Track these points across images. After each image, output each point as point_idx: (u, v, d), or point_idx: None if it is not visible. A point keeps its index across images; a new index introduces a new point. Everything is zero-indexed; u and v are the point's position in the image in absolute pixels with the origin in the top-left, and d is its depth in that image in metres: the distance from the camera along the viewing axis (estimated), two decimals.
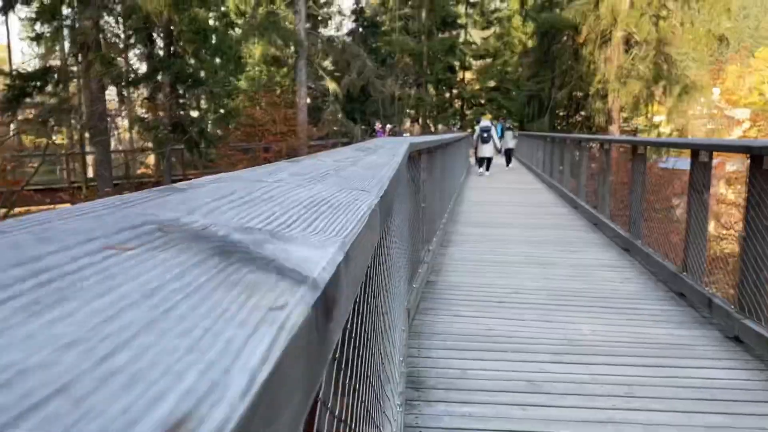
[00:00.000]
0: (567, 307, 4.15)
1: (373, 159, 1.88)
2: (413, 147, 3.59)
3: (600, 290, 4.59)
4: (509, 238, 6.88)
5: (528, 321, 3.85)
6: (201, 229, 0.43)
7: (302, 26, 22.85)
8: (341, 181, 0.89)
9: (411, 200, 4.13)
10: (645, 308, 4.14)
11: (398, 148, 2.54)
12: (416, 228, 4.52)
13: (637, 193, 6.01)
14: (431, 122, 38.44)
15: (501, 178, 15.50)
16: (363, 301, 0.88)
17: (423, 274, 4.57)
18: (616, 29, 23.99)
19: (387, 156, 2.03)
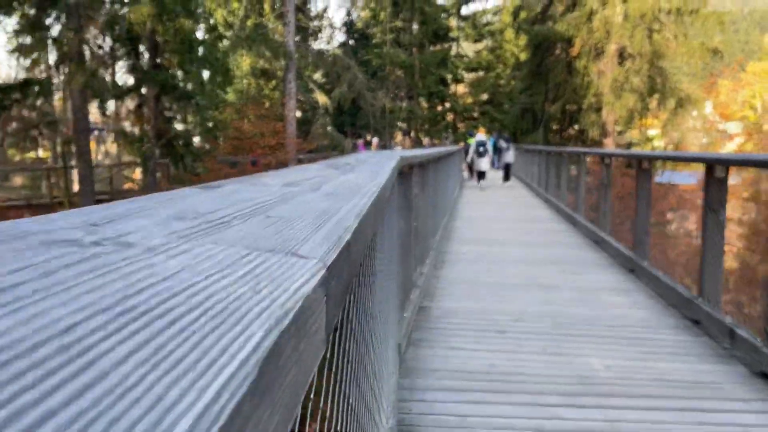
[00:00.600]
0: (574, 337, 3.75)
1: (347, 180, 1.49)
2: (404, 161, 3.20)
3: (608, 317, 4.20)
4: (507, 257, 6.49)
5: (533, 354, 3.45)
6: None
7: (291, 38, 22.52)
8: (262, 232, 0.49)
9: (402, 219, 3.74)
10: (659, 339, 3.75)
11: (385, 164, 2.15)
12: (408, 249, 4.13)
13: (643, 211, 5.65)
14: (423, 135, 38.20)
15: (496, 193, 15.16)
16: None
17: (415, 299, 4.17)
18: (609, 42, 23.83)
19: (367, 176, 1.64)
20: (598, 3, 23.84)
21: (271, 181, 1.29)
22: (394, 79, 34.38)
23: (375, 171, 1.88)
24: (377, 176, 1.71)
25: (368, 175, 1.68)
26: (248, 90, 32.68)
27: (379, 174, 1.76)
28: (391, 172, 2.04)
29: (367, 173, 1.75)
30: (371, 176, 1.67)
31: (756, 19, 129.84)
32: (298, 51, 24.39)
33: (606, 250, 6.95)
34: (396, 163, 2.49)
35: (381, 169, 1.99)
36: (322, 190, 0.94)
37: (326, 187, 0.99)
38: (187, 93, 18.11)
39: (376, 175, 1.63)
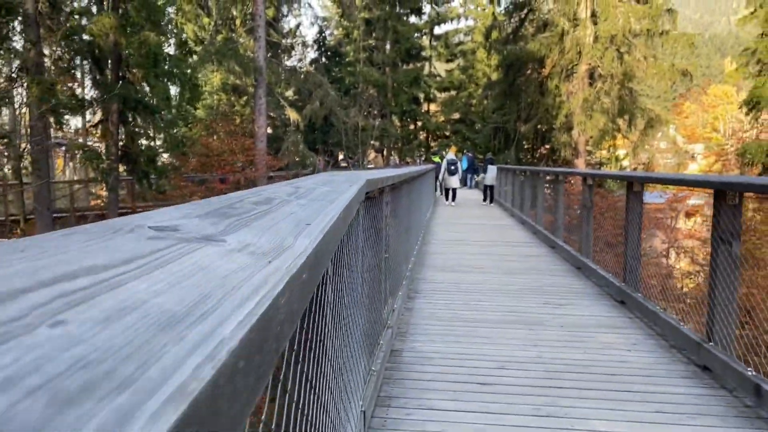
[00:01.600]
0: (570, 390, 3.22)
1: (286, 213, 0.94)
2: (372, 185, 2.66)
3: (606, 363, 3.68)
4: (484, 287, 5.97)
5: (525, 417, 2.89)
6: None
7: (262, 54, 21.97)
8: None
9: (371, 251, 3.19)
10: (671, 392, 3.23)
11: (344, 191, 1.60)
12: (377, 285, 3.57)
13: (634, 237, 5.19)
14: (396, 154, 37.87)
15: (470, 213, 14.73)
16: None
17: (386, 343, 3.60)
18: (580, 63, 23.85)
19: (314, 209, 1.08)
20: (569, 24, 23.88)
21: (140, 222, 0.72)
22: (367, 97, 34.06)
23: (328, 201, 1.33)
24: (330, 207, 1.17)
25: (315, 208, 1.13)
26: (218, 106, 31.97)
27: (333, 207, 1.21)
28: (350, 201, 1.49)
29: (315, 206, 1.20)
30: (318, 209, 1.11)
31: (716, 44, 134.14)
32: (269, 67, 23.84)
33: (590, 277, 6.49)
34: (359, 188, 1.94)
35: (339, 197, 1.44)
36: (228, 245, 0.42)
37: (236, 237, 0.47)
38: (152, 108, 17.35)
39: (322, 210, 1.08)
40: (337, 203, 1.37)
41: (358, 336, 2.64)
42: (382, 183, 3.19)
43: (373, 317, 3.37)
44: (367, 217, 2.96)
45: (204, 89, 31.31)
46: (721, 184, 3.42)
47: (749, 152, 19.14)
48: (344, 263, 2.11)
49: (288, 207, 1.10)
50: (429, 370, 3.53)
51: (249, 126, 25.36)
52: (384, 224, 3.71)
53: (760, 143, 18.76)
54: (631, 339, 4.21)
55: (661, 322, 4.28)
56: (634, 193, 5.23)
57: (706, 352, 3.49)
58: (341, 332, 2.00)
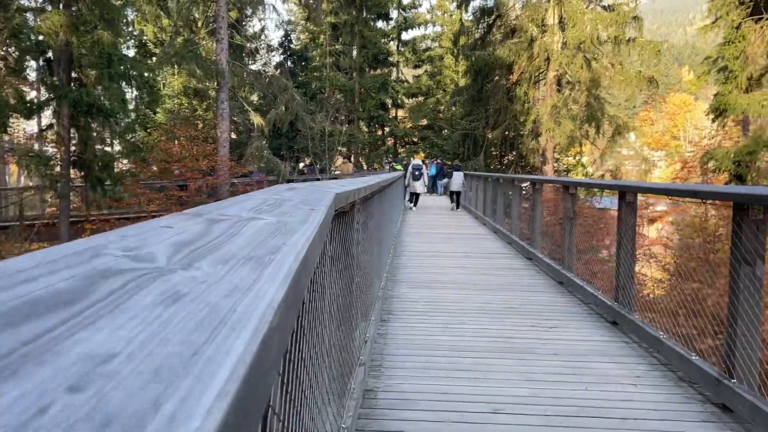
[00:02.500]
0: None
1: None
2: (342, 200, 2.12)
3: (611, 403, 3.20)
4: (464, 306, 5.47)
5: None
6: None
7: (224, 56, 21.18)
8: None
9: (340, 279, 2.65)
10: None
11: (316, 206, 1.06)
12: (347, 317, 3.02)
13: (626, 252, 4.75)
14: (363, 160, 37.33)
15: (440, 222, 14.28)
16: None
17: (358, 385, 3.04)
18: (549, 69, 23.76)
19: (282, 233, 0.56)
20: (537, 30, 23.78)
21: None
22: (333, 102, 33.46)
23: (299, 220, 0.79)
24: (295, 239, 0.63)
25: (248, 273, 0.58)
26: (180, 110, 30.95)
27: (298, 233, 0.66)
28: (321, 223, 0.95)
29: (285, 224, 0.66)
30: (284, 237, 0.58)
31: (674, 54, 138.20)
32: (232, 70, 23.05)
33: (575, 292, 6.06)
34: (327, 208, 1.40)
35: (308, 217, 0.90)
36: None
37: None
38: (106, 111, 16.42)
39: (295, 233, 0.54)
40: (309, 223, 0.85)
41: (325, 383, 2.09)
42: (353, 196, 2.65)
43: (342, 357, 2.82)
44: (336, 238, 2.42)
45: (164, 93, 30.30)
46: (744, 196, 2.98)
47: (716, 159, 19.22)
48: (312, 305, 1.58)
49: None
50: (409, 417, 2.99)
51: (212, 131, 24.51)
52: (355, 244, 3.16)
53: (727, 150, 18.84)
54: (634, 370, 3.74)
55: (665, 351, 3.82)
56: (628, 203, 4.80)
57: (726, 390, 3.03)
58: (306, 393, 1.47)
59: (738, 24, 19.27)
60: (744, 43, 18.91)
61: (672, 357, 3.72)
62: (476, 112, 27.32)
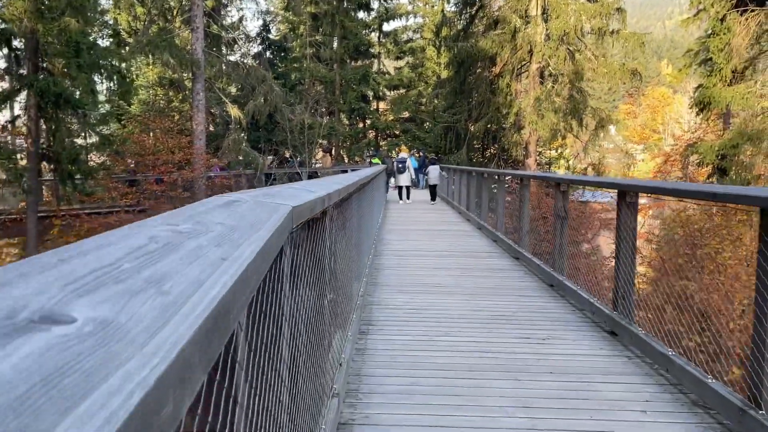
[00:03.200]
0: None
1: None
2: (305, 212, 1.68)
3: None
4: (449, 314, 5.05)
5: None
6: None
7: (200, 46, 20.47)
8: None
9: (309, 296, 2.22)
10: None
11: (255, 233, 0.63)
12: (318, 339, 2.58)
13: (626, 256, 4.37)
14: (345, 153, 36.79)
15: (423, 217, 13.88)
16: None
17: (330, 423, 2.60)
18: (532, 61, 23.42)
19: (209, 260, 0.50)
20: (520, 21, 23.40)
21: None
22: (313, 94, 32.83)
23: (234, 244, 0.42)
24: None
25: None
26: (155, 101, 30.12)
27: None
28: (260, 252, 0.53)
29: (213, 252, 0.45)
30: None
31: (653, 48, 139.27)
32: (208, 60, 22.35)
33: (567, 297, 5.68)
34: (268, 238, 0.96)
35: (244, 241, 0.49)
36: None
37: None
38: (74, 102, 15.68)
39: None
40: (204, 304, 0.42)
41: (284, 423, 1.66)
42: (323, 203, 2.20)
43: (311, 388, 2.39)
44: (304, 252, 1.98)
45: (138, 83, 29.45)
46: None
47: (699, 152, 19.06)
48: (262, 336, 1.16)
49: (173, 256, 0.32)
50: None
51: (187, 123, 23.79)
52: (328, 255, 2.72)
53: (711, 144, 18.68)
54: (641, 392, 3.35)
55: (675, 370, 3.44)
56: (628, 204, 4.41)
57: (753, 422, 2.65)
58: None
59: (723, 16, 19.07)
60: (729, 35, 18.72)
61: (684, 378, 3.34)
62: (459, 105, 26.91)
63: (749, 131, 18.13)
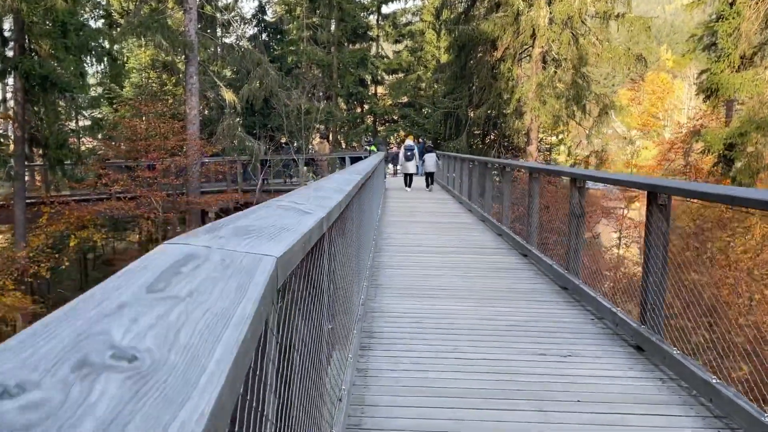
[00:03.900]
0: None
1: None
2: (294, 259, 1.23)
3: None
4: (458, 323, 4.63)
5: None
6: None
7: (193, 27, 19.84)
8: None
9: (305, 334, 1.79)
10: None
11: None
12: (315, 383, 2.14)
13: (656, 265, 3.94)
14: (342, 138, 36.21)
15: (424, 207, 13.42)
16: None
17: None
18: (535, 45, 22.82)
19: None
20: (524, 4, 22.77)
21: None
22: (310, 77, 32.18)
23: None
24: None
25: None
26: (147, 85, 29.44)
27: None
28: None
29: None
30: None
31: (653, 32, 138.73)
32: (202, 42, 21.71)
33: (585, 302, 5.26)
34: (248, 327, 0.50)
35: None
36: None
37: None
38: (61, 85, 15.10)
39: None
40: None
41: None
42: (320, 229, 1.74)
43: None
44: (292, 304, 1.53)
45: (131, 66, 28.78)
46: None
47: (706, 140, 18.60)
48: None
49: None
50: None
51: (181, 107, 23.19)
52: (327, 283, 2.27)
53: (718, 132, 18.22)
54: (684, 428, 2.94)
55: (723, 402, 3.01)
56: (659, 207, 3.97)
57: None
58: None
59: (732, 0, 18.53)
60: (738, 20, 18.19)
61: (734, 413, 2.91)
62: (459, 90, 26.33)
63: (758, 119, 17.65)
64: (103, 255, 26.70)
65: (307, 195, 2.09)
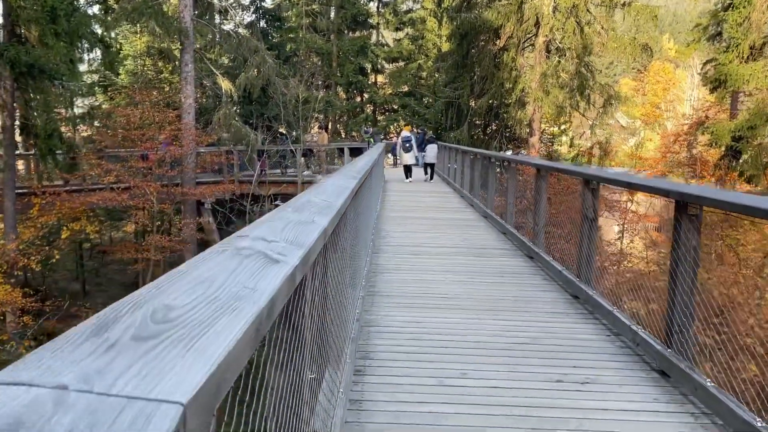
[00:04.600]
0: None
1: None
2: (281, 298, 0.81)
3: None
4: (461, 341, 4.23)
5: None
6: None
7: (188, 13, 19.29)
8: None
9: (281, 399, 1.37)
10: None
11: None
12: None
13: (685, 283, 3.52)
14: (341, 128, 35.71)
15: (424, 202, 12.99)
16: None
17: None
18: (539, 34, 22.27)
19: None
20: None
21: None
22: (309, 66, 31.62)
23: None
24: None
25: None
26: (143, 73, 28.87)
27: None
28: None
29: None
30: None
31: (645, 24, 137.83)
32: (197, 29, 21.15)
33: (598, 314, 4.86)
34: None
35: None
36: None
37: None
38: (49, 73, 14.60)
39: None
40: None
41: None
42: (302, 268, 1.32)
43: None
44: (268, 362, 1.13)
45: (126, 52, 28.21)
46: None
47: (714, 133, 18.14)
48: None
49: None
50: None
51: (176, 95, 22.66)
52: (310, 324, 1.86)
53: (726, 124, 17.76)
54: None
55: None
56: (690, 217, 3.55)
57: None
58: None
59: None
60: (749, 9, 17.67)
61: None
62: (460, 80, 25.79)
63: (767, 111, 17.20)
64: (100, 244, 26.29)
65: (283, 222, 1.67)
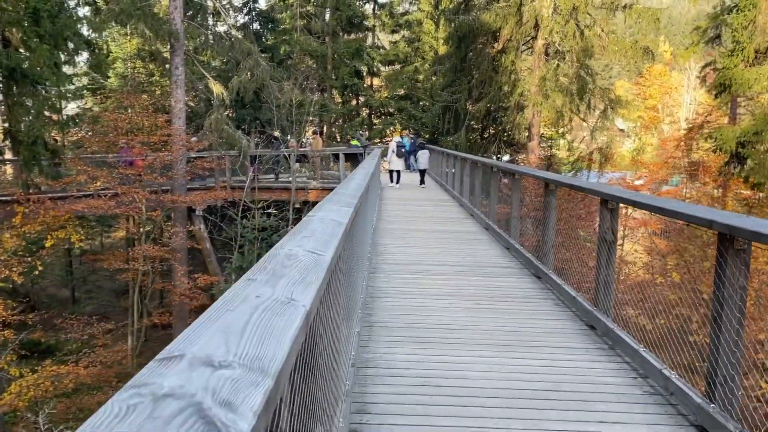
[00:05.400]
0: None
1: None
2: None
3: None
4: (472, 386, 3.73)
5: None
6: None
7: (179, 15, 18.75)
8: None
9: None
10: None
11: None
12: None
13: (731, 327, 3.04)
14: (337, 131, 35.19)
15: (422, 213, 12.48)
16: None
17: None
18: (538, 37, 21.82)
19: None
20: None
21: None
22: (304, 69, 31.09)
23: None
24: None
25: None
26: (133, 76, 28.31)
27: None
28: None
29: None
30: None
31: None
32: (188, 31, 20.61)
33: (619, 349, 4.37)
34: None
35: None
36: None
37: None
38: (32, 77, 14.05)
39: None
40: None
41: None
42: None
43: None
44: None
45: (116, 55, 27.65)
46: None
47: (718, 138, 17.71)
48: None
49: None
50: None
51: (167, 99, 22.09)
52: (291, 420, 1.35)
53: (731, 129, 17.33)
54: None
55: None
56: (737, 252, 3.05)
57: None
58: None
59: None
60: (754, 12, 17.26)
61: None
62: (458, 83, 25.31)
63: None
64: (89, 252, 25.70)
65: (245, 315, 1.17)
